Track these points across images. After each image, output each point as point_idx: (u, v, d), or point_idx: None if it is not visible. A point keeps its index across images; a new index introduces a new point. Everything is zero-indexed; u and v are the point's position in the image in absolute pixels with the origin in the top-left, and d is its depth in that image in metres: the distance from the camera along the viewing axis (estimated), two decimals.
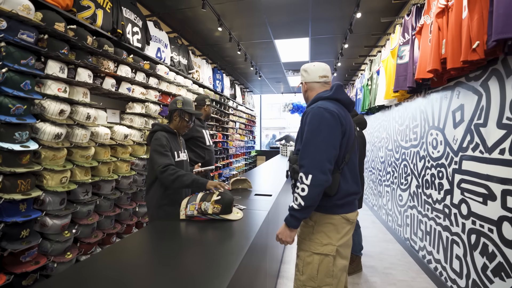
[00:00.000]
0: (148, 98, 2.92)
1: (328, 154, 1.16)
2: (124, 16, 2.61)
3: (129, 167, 2.61)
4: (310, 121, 1.21)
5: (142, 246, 1.31)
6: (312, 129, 1.19)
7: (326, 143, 1.16)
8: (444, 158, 2.25)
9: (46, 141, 1.82)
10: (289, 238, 1.24)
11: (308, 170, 1.15)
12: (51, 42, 1.82)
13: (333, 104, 1.26)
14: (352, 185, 1.28)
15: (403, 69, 2.69)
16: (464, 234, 1.95)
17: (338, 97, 1.29)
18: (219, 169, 5.43)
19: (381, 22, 3.55)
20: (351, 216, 1.28)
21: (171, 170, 1.60)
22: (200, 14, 3.53)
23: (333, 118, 1.19)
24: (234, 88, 6.63)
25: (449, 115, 2.19)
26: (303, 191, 1.15)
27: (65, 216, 1.92)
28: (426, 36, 2.21)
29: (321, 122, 1.19)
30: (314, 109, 1.23)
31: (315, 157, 1.15)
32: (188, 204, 1.55)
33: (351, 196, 1.27)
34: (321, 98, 1.30)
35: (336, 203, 1.24)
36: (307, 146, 1.19)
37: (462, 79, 2.02)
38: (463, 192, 1.97)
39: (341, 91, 1.31)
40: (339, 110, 1.25)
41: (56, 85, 1.88)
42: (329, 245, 1.24)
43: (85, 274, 0.98)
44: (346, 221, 1.27)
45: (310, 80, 1.40)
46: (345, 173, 1.25)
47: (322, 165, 1.14)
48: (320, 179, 1.13)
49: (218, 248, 1.19)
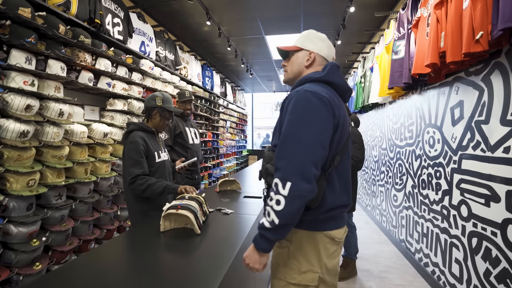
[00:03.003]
0: (131, 95, 2.74)
1: (315, 154, 0.85)
2: (103, 5, 2.42)
3: (109, 167, 2.42)
4: (292, 108, 0.89)
5: (120, 254, 1.18)
6: (295, 119, 0.88)
7: (312, 139, 0.85)
8: (442, 157, 2.15)
9: (9, 139, 1.63)
10: (258, 264, 0.90)
11: (286, 175, 0.83)
12: (14, 29, 1.63)
13: (325, 88, 0.95)
14: (341, 195, 0.97)
15: (399, 65, 2.59)
16: (464, 237, 1.85)
17: (332, 80, 0.97)
18: (209, 169, 5.26)
19: (375, 18, 3.46)
20: (336, 233, 0.97)
21: (140, 180, 1.54)
22: (187, 7, 3.36)
23: (323, 106, 0.88)
24: (224, 86, 6.47)
25: (447, 112, 2.09)
26: (278, 204, 0.82)
27: (33, 222, 1.73)
28: (423, 30, 2.11)
29: (307, 110, 0.88)
30: (299, 93, 0.91)
31: (296, 158, 0.84)
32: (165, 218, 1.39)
33: (337, 209, 0.96)
34: (309, 79, 0.98)
35: (317, 217, 0.93)
36: (286, 142, 0.87)
37: (461, 74, 1.92)
38: (463, 193, 1.88)
39: (337, 73, 1.00)
40: (333, 97, 0.94)
41: (21, 77, 1.69)
42: (309, 273, 0.94)
43: (54, 285, 0.87)
44: (330, 240, 0.96)
45: (324, 55, 1.04)
46: (333, 180, 0.94)
47: (305, 170, 0.82)
48: (302, 188, 0.81)
49: (198, 261, 1.04)
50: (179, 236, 1.29)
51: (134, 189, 1.57)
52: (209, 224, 1.47)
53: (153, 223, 1.44)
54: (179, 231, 1.35)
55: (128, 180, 1.56)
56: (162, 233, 1.33)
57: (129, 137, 1.62)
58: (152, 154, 1.65)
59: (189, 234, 1.31)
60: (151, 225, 1.42)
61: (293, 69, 1.07)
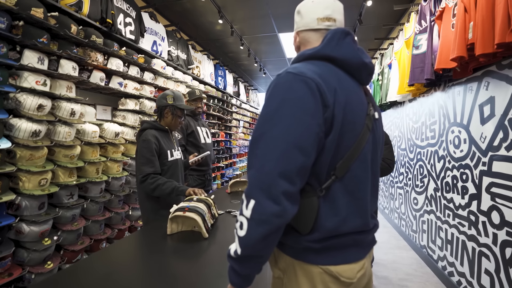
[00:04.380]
0: (143, 94, 2.73)
1: (287, 162, 0.60)
2: (115, 5, 2.42)
3: (121, 167, 2.42)
4: (268, 98, 0.67)
5: (124, 258, 1.13)
6: (268, 113, 0.65)
7: (285, 141, 0.61)
8: (469, 158, 1.99)
9: (21, 139, 1.64)
10: None
11: (250, 190, 0.62)
12: (27, 30, 1.64)
13: (318, 67, 0.68)
14: (352, 218, 0.68)
15: (420, 60, 2.43)
16: (495, 246, 1.68)
17: (333, 54, 0.70)
18: (222, 169, 5.23)
19: (394, 11, 3.29)
20: (343, 271, 0.67)
21: (150, 179, 1.55)
22: (199, 6, 3.33)
23: (308, 93, 0.63)
24: (237, 85, 6.43)
25: (475, 109, 1.92)
26: (241, 228, 0.62)
27: (44, 221, 1.74)
28: (448, 21, 1.96)
29: (283, 100, 0.63)
30: (279, 77, 0.67)
31: (262, 168, 0.61)
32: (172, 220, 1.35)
33: (344, 237, 0.68)
34: (301, 57, 0.74)
35: (309, 246, 0.67)
36: (255, 146, 0.64)
37: (492, 68, 1.76)
38: (494, 198, 1.71)
39: (342, 43, 0.71)
40: (329, 78, 0.66)
41: (33, 77, 1.70)
42: None
43: (64, 284, 0.88)
44: (333, 279, 0.67)
45: (303, 27, 0.80)
46: (334, 197, 0.67)
47: (271, 185, 0.59)
48: (267, 211, 0.59)
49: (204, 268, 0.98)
50: (186, 240, 1.24)
51: (144, 188, 1.58)
52: (218, 227, 1.41)
53: (161, 224, 1.40)
54: (186, 234, 1.30)
55: (139, 178, 1.57)
56: (169, 236, 1.29)
57: (142, 135, 1.63)
58: (164, 153, 1.65)
59: (197, 237, 1.26)
60: (158, 227, 1.38)
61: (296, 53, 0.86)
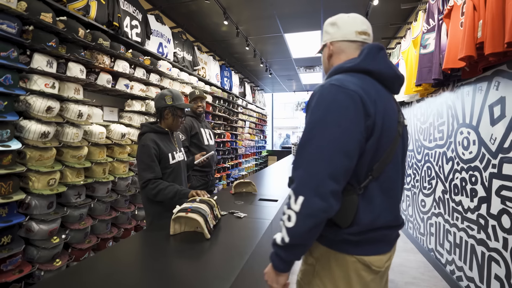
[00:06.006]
0: (149, 96, 2.77)
1: (333, 165, 0.70)
2: (121, 8, 2.46)
3: (127, 168, 2.47)
4: (313, 108, 0.76)
5: (127, 258, 1.16)
6: (314, 121, 0.74)
7: (333, 146, 0.70)
8: (479, 160, 1.94)
9: (31, 140, 1.69)
10: (276, 283, 0.79)
11: (299, 188, 0.71)
12: (36, 34, 1.68)
13: (359, 79, 0.77)
14: (385, 214, 0.78)
15: (428, 60, 2.38)
16: (506, 251, 1.64)
17: (370, 68, 0.79)
18: (228, 170, 5.25)
19: (401, 10, 3.23)
20: (375, 260, 0.78)
21: (151, 184, 1.53)
22: (205, 7, 3.35)
23: (351, 104, 0.72)
24: (243, 86, 6.44)
25: (485, 110, 1.88)
26: (289, 221, 0.71)
27: (53, 220, 1.79)
28: (457, 19, 1.91)
29: (329, 109, 0.72)
30: (323, 88, 0.76)
31: (311, 170, 0.70)
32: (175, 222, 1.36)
33: (378, 231, 0.78)
34: (340, 69, 0.81)
35: (348, 238, 0.77)
36: (302, 150, 0.74)
37: (502, 67, 1.71)
38: (504, 201, 1.67)
39: (378, 57, 0.80)
40: (369, 90, 0.75)
41: (42, 80, 1.74)
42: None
43: (71, 281, 0.91)
44: (365, 267, 0.77)
45: (340, 38, 0.86)
46: (371, 195, 0.77)
47: (320, 184, 0.69)
48: (315, 206, 0.68)
49: (204, 270, 0.99)
50: (188, 240, 1.25)
51: (147, 193, 1.57)
52: (220, 227, 1.42)
53: (164, 226, 1.41)
54: (189, 235, 1.32)
55: (140, 184, 1.57)
56: (172, 236, 1.30)
57: (141, 140, 1.60)
58: (165, 157, 1.61)
59: (199, 238, 1.27)
60: (162, 228, 1.39)
61: (323, 68, 0.96)
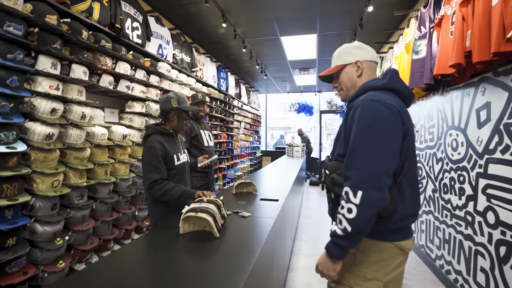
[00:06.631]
0: (149, 97, 2.79)
1: (386, 163, 0.87)
2: (123, 10, 2.48)
3: (128, 169, 2.48)
4: (360, 118, 0.91)
5: (141, 256, 1.20)
6: (363, 128, 0.90)
7: (383, 148, 0.87)
8: (466, 161, 2.06)
9: (36, 142, 1.70)
10: (332, 271, 0.95)
11: (357, 184, 0.86)
12: (42, 36, 1.70)
13: (389, 95, 0.96)
14: (412, 204, 0.97)
15: (419, 65, 2.50)
16: (491, 245, 1.76)
17: (396, 87, 0.99)
18: (224, 170, 5.29)
19: (394, 17, 3.36)
20: (406, 244, 0.98)
21: (158, 185, 1.56)
22: (203, 10, 3.39)
23: (392, 115, 0.90)
24: (239, 87, 6.49)
25: (473, 114, 2.00)
26: (350, 213, 0.86)
27: (57, 222, 1.80)
28: (447, 28, 2.03)
29: (375, 119, 0.89)
30: (364, 102, 0.93)
31: (367, 167, 0.86)
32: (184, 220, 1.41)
33: (408, 219, 0.97)
34: (371, 87, 1.00)
35: (389, 227, 0.94)
36: (355, 152, 0.90)
37: (488, 74, 1.84)
38: (489, 199, 1.79)
39: (398, 78, 1.02)
40: (399, 103, 0.96)
41: (47, 82, 1.76)
42: (374, 281, 0.96)
43: (89, 282, 0.92)
44: (399, 250, 0.97)
45: (369, 59, 1.07)
46: (403, 188, 0.95)
47: (377, 179, 0.85)
48: (374, 197, 0.84)
49: (218, 265, 1.04)
50: (198, 239, 1.30)
51: (153, 194, 1.59)
52: (227, 227, 1.47)
53: (172, 226, 1.45)
54: (197, 234, 1.36)
55: (147, 185, 1.58)
56: (182, 235, 1.35)
57: (147, 142, 1.62)
58: (171, 158, 1.65)
59: (208, 237, 1.32)
60: (170, 228, 1.43)
61: (347, 84, 1.10)
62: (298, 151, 6.42)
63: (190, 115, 1.83)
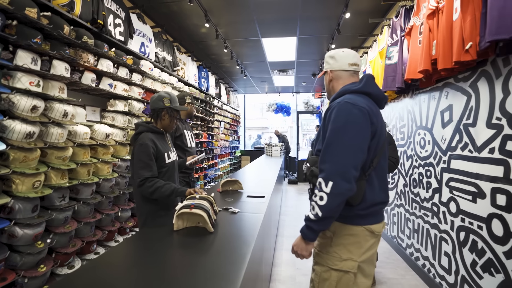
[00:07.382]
0: (131, 95, 2.74)
1: (354, 158, 1.01)
2: (106, 6, 2.42)
3: (111, 169, 2.43)
4: (335, 118, 1.06)
5: (131, 257, 1.19)
6: (337, 127, 1.04)
7: (352, 145, 1.01)
8: (433, 157, 2.29)
9: (15, 140, 1.62)
10: (305, 251, 1.09)
11: (328, 176, 0.99)
12: (21, 30, 1.63)
13: (363, 98, 1.10)
14: (380, 193, 1.12)
15: (392, 70, 2.73)
16: (452, 231, 1.99)
17: (369, 91, 1.13)
18: (205, 170, 5.28)
19: (368, 23, 3.60)
20: (376, 227, 1.11)
21: (148, 182, 1.57)
22: (186, 9, 3.38)
23: (362, 116, 1.04)
24: (219, 87, 6.50)
25: (438, 115, 2.23)
26: (321, 200, 1.00)
27: (38, 224, 1.73)
28: (416, 37, 2.25)
29: (348, 119, 1.03)
30: (340, 104, 1.07)
31: (338, 161, 1.00)
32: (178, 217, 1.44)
33: (377, 206, 1.12)
34: (348, 91, 1.14)
35: (358, 213, 1.09)
36: (329, 148, 1.03)
37: (450, 80, 2.07)
38: (451, 191, 2.02)
39: (372, 83, 1.16)
40: (370, 106, 1.09)
41: (27, 78, 1.68)
42: (349, 261, 1.09)
43: (87, 278, 0.91)
44: (370, 233, 1.10)
45: (338, 68, 1.22)
46: (372, 180, 1.10)
47: (345, 171, 0.99)
48: (342, 187, 0.98)
49: (217, 258, 1.10)
50: (193, 235, 1.34)
51: (143, 191, 1.59)
52: (219, 223, 1.53)
53: (164, 223, 1.47)
54: (191, 230, 1.40)
55: (137, 182, 1.57)
56: (176, 232, 1.38)
57: (139, 139, 1.62)
58: (162, 156, 1.66)
59: (202, 232, 1.36)
60: (162, 225, 1.45)
61: (326, 88, 1.31)
62: (277, 150, 6.57)
63: None
